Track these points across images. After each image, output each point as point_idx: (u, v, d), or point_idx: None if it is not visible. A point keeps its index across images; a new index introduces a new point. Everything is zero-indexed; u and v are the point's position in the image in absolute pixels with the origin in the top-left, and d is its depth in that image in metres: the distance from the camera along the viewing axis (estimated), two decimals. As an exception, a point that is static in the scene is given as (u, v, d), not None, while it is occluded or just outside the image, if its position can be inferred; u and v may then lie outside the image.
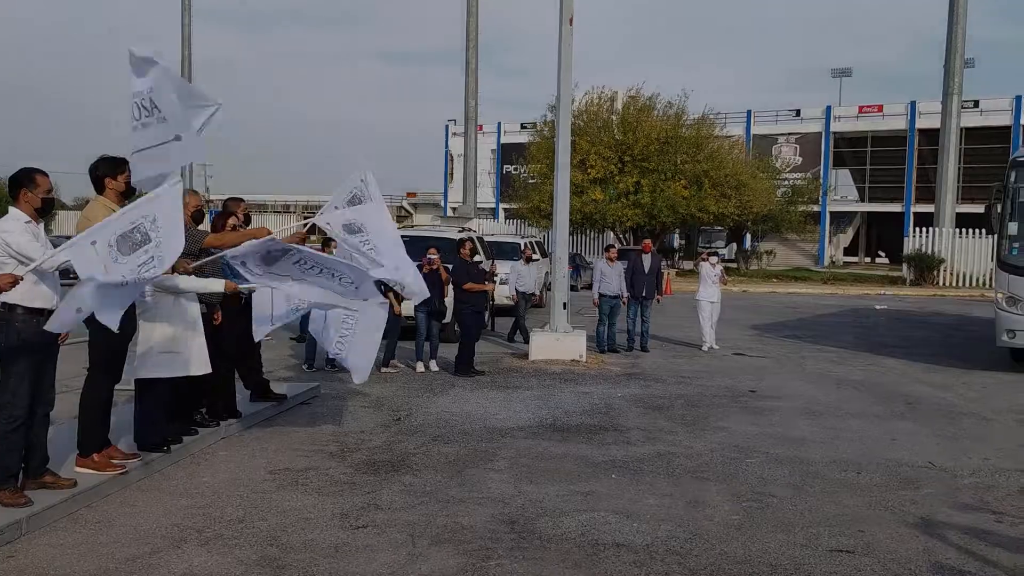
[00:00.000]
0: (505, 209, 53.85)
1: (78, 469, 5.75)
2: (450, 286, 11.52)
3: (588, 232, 39.08)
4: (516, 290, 15.22)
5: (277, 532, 5.09)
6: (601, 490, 6.11)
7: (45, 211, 5.29)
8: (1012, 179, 12.32)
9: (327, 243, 10.32)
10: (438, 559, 4.72)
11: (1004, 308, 12.16)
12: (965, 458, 7.32)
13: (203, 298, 6.61)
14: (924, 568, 4.78)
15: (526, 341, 13.27)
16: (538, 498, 5.87)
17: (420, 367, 11.22)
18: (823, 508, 5.83)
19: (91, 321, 5.64)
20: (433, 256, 11.27)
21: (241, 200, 8.16)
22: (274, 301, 6.90)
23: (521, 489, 6.09)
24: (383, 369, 10.92)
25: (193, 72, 42.92)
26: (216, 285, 6.42)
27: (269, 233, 6.59)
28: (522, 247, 21.29)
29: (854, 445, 7.71)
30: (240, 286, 6.57)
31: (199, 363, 6.40)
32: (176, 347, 6.22)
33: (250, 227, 7.82)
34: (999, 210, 12.48)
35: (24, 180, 5.16)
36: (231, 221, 7.38)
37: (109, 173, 5.77)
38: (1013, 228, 12.35)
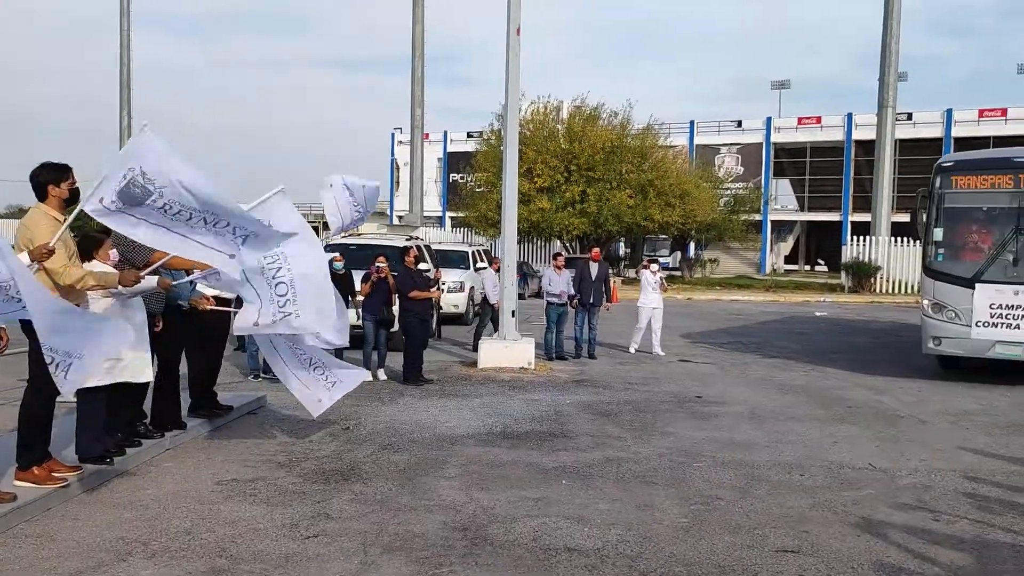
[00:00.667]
0: (452, 217, 53.78)
1: (18, 483, 5.60)
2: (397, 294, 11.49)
3: (535, 240, 39.28)
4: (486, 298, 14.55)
5: (226, 543, 5.02)
6: (552, 496, 6.16)
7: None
8: (937, 185, 12.17)
9: None
10: (390, 567, 4.71)
11: (930, 315, 12.05)
12: (903, 459, 7.53)
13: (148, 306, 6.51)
14: (866, 566, 4.91)
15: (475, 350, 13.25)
16: (489, 505, 5.89)
17: (368, 376, 11.14)
18: (768, 510, 5.96)
19: (31, 331, 5.52)
20: (381, 264, 11.24)
21: None
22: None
23: (472, 496, 6.10)
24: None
25: (132, 77, 42.22)
26: (112, 279, 6.12)
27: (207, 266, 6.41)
28: (480, 255, 21.36)
29: (797, 448, 7.89)
30: (173, 283, 6.55)
31: (143, 370, 6.29)
32: (119, 354, 6.09)
33: None
34: (925, 217, 12.37)
35: None
36: None
37: (52, 180, 5.64)
38: (938, 234, 12.21)
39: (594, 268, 14.09)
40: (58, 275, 5.42)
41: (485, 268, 15.73)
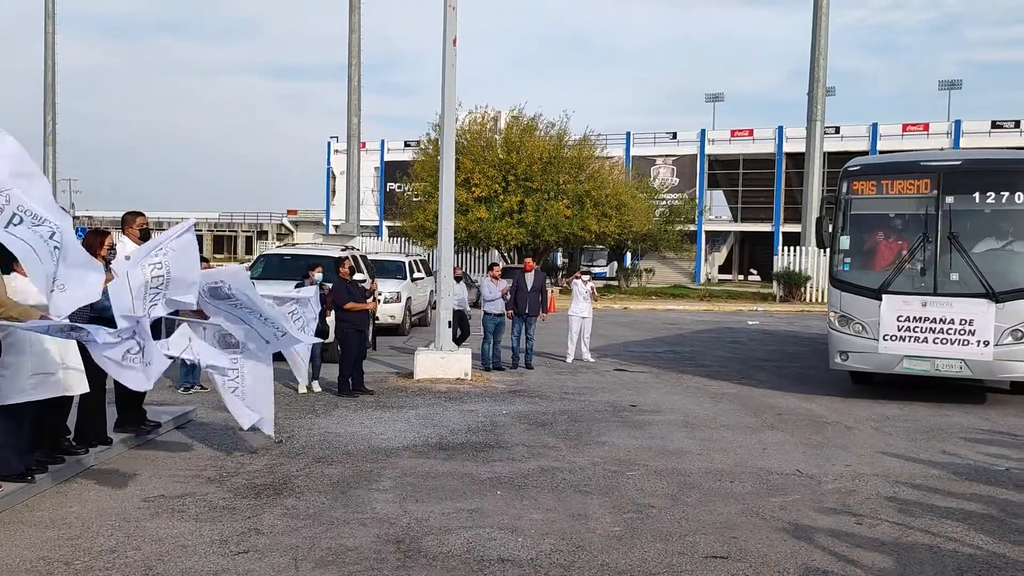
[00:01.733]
0: (389, 227, 53.52)
1: (-68, 503, 5.40)
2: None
3: (473, 250, 39.30)
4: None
5: (152, 561, 4.91)
6: (486, 507, 6.17)
7: None
8: (844, 190, 11.47)
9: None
10: (322, 582, 4.66)
11: (836, 328, 11.37)
12: (829, 465, 7.73)
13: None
14: (792, 570, 5.03)
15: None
16: (423, 517, 5.88)
17: (303, 387, 11.02)
18: (699, 517, 6.06)
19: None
20: (319, 276, 11.16)
21: (140, 214, 7.93)
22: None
23: (406, 508, 6.07)
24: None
25: (57, 81, 41.12)
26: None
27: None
28: (416, 265, 21.27)
29: (728, 455, 8.04)
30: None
31: (76, 383, 6.13)
32: (48, 367, 5.92)
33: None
34: (830, 224, 11.68)
35: None
36: (107, 243, 7.08)
37: None
38: (845, 242, 11.54)
39: (530, 278, 14.16)
40: None
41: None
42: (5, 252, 5.97)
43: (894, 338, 10.72)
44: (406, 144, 56.50)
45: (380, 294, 17.71)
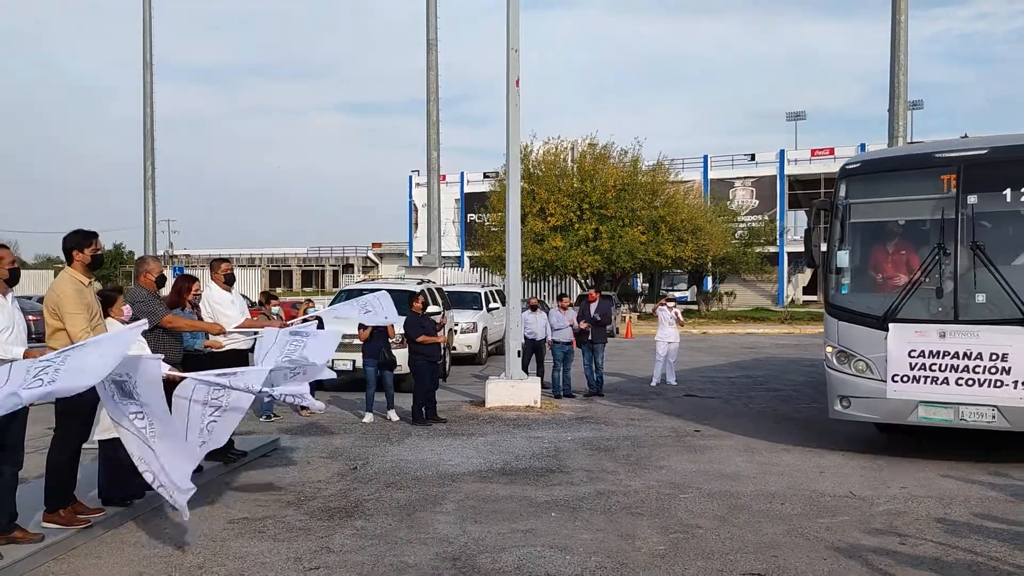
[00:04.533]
0: (470, 257, 54.41)
1: (45, 524, 6.08)
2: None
3: (550, 279, 39.76)
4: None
5: (234, 576, 5.48)
6: (540, 527, 6.56)
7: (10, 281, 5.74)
8: (842, 194, 9.36)
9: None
10: (383, 594, 5.13)
11: (835, 367, 9.20)
12: (884, 487, 7.84)
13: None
14: (826, 587, 5.27)
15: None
16: (480, 536, 6.30)
17: (368, 417, 11.67)
18: (744, 536, 6.32)
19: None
20: None
21: (225, 260, 8.76)
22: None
23: (465, 529, 6.51)
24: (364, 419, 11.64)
25: (156, 127, 43.52)
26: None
27: (221, 330, 7.30)
28: (493, 296, 21.82)
29: (783, 478, 8.23)
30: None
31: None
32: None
33: (231, 287, 8.67)
34: (823, 236, 9.60)
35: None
36: (194, 288, 7.89)
37: (76, 245, 6.21)
38: (843, 258, 9.35)
39: (593, 307, 14.54)
40: (77, 339, 5.93)
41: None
42: (103, 298, 6.69)
43: (906, 379, 8.58)
44: (484, 176, 57.56)
45: (457, 324, 18.44)
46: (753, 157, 57.24)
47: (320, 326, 8.69)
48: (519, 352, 13.49)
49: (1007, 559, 5.78)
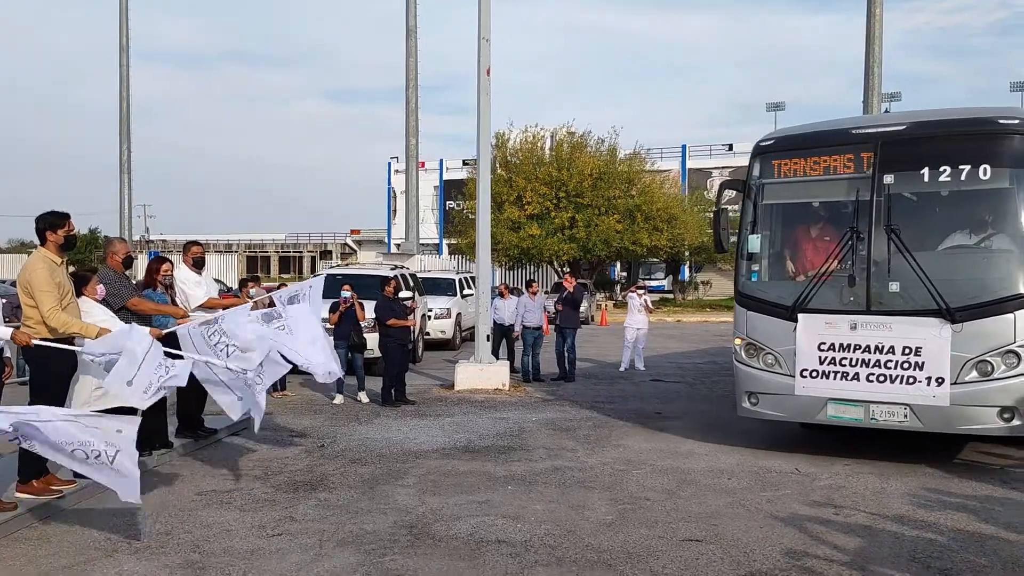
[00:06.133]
0: (448, 244, 54.62)
1: (19, 495, 6.32)
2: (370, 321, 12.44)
3: (527, 266, 40.07)
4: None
5: (200, 542, 5.75)
6: (496, 499, 6.87)
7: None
8: (756, 173, 8.69)
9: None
10: (340, 557, 5.43)
11: (743, 361, 8.56)
12: (829, 465, 8.19)
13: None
14: (758, 551, 5.61)
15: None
16: (438, 507, 6.61)
17: (339, 399, 11.98)
18: (688, 508, 6.66)
19: (32, 361, 6.30)
20: (347, 294, 12.14)
21: (197, 244, 9.01)
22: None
23: (424, 500, 6.82)
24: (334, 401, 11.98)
25: (132, 111, 43.35)
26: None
27: (184, 314, 7.58)
28: (467, 282, 22.09)
29: (734, 456, 8.58)
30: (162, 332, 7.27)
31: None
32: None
33: (200, 270, 8.92)
34: (728, 220, 9.14)
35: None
36: (163, 269, 8.11)
37: (49, 226, 6.41)
38: (754, 243, 8.67)
39: (564, 293, 14.87)
40: (46, 317, 6.16)
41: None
42: (78, 278, 6.91)
43: (815, 374, 7.97)
44: (464, 163, 57.75)
45: (431, 310, 18.74)
46: (731, 147, 57.68)
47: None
48: (488, 336, 13.79)
49: (933, 525, 6.14)
